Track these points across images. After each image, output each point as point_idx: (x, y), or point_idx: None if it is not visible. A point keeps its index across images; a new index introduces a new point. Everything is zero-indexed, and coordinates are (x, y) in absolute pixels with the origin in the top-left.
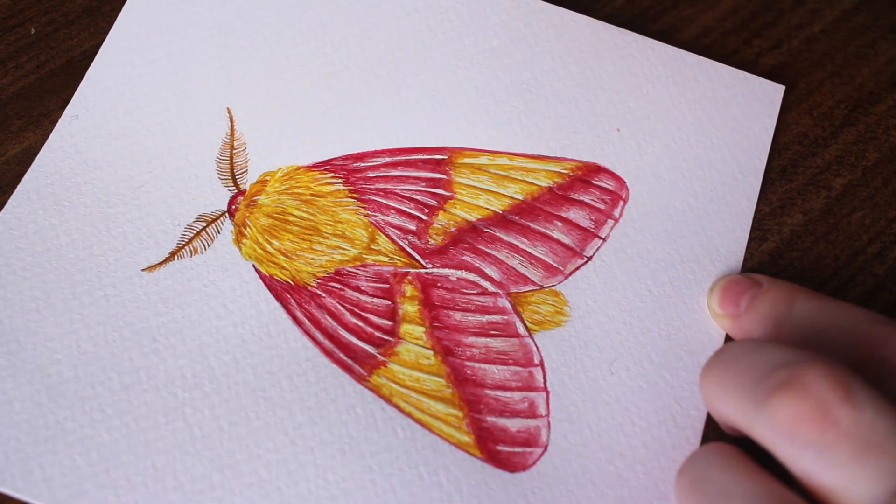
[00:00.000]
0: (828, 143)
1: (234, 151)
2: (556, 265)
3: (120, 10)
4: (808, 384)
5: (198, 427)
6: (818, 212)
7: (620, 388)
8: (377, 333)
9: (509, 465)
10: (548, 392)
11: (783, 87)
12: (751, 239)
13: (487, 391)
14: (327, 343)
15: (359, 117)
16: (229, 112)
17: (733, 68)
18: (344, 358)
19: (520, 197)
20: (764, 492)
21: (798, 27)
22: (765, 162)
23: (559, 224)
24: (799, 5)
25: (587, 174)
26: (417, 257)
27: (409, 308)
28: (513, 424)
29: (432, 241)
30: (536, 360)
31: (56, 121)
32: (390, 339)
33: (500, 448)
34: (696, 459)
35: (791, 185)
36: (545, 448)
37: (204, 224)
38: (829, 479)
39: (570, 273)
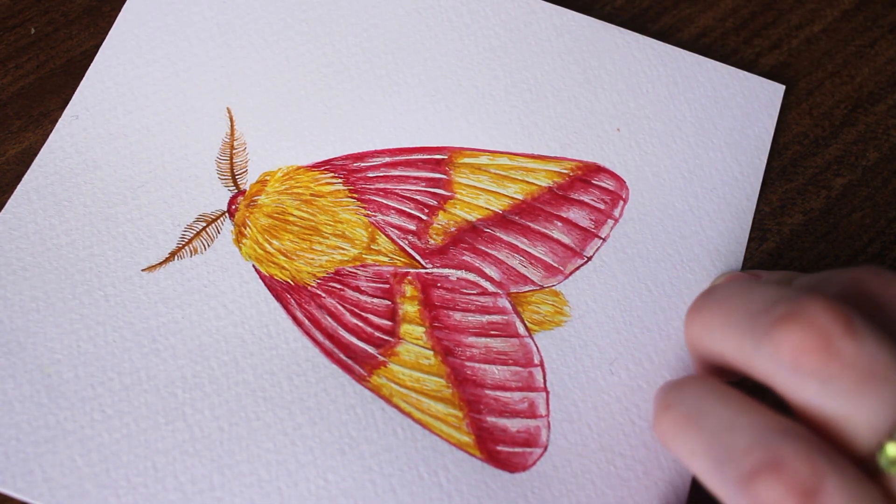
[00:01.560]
0: (828, 143)
1: (234, 151)
2: (556, 265)
3: (120, 10)
4: (810, 316)
5: (198, 427)
6: (818, 212)
7: (620, 388)
8: (377, 334)
9: (509, 465)
10: (548, 392)
11: (783, 87)
12: (751, 239)
13: (487, 391)
14: (327, 343)
15: (359, 117)
16: (229, 112)
17: (733, 68)
18: (344, 358)
19: (520, 197)
20: (770, 423)
21: (798, 27)
22: (765, 162)
23: (559, 224)
24: (799, 5)
25: (587, 174)
26: (417, 257)
27: (409, 308)
28: (513, 425)
29: (432, 241)
30: (536, 361)
31: (56, 121)
32: (390, 339)
33: (500, 448)
34: (685, 394)
35: (791, 185)
36: (545, 448)
37: (204, 224)
38: (831, 410)
39: (570, 273)
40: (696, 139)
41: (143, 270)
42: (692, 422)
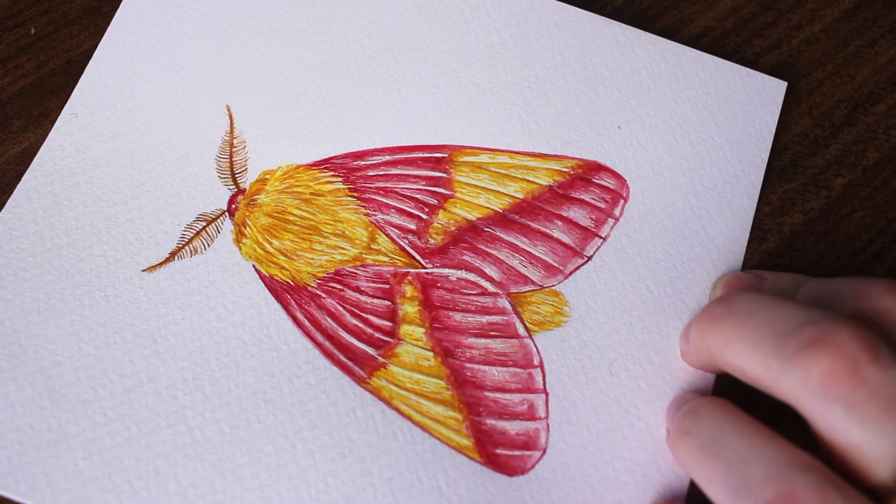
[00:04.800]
0: (828, 143)
1: (233, 150)
2: (556, 265)
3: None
4: (839, 342)
5: (199, 430)
6: (818, 212)
7: (620, 388)
8: (377, 335)
9: (508, 468)
10: (547, 394)
11: (785, 84)
12: (751, 239)
13: (487, 393)
14: (327, 344)
15: (358, 115)
16: (229, 110)
17: (735, 64)
18: (344, 360)
19: (520, 196)
20: (785, 456)
21: (798, 27)
22: (766, 160)
23: (559, 223)
24: (799, 5)
25: (588, 172)
26: (417, 257)
27: (409, 309)
28: (512, 427)
29: (432, 241)
30: (536, 362)
31: (56, 121)
32: (390, 340)
33: (499, 451)
34: (703, 421)
35: (791, 185)
36: (544, 451)
37: (204, 223)
38: (855, 436)
39: (570, 273)
40: (698, 137)
41: (143, 271)
42: (710, 451)
